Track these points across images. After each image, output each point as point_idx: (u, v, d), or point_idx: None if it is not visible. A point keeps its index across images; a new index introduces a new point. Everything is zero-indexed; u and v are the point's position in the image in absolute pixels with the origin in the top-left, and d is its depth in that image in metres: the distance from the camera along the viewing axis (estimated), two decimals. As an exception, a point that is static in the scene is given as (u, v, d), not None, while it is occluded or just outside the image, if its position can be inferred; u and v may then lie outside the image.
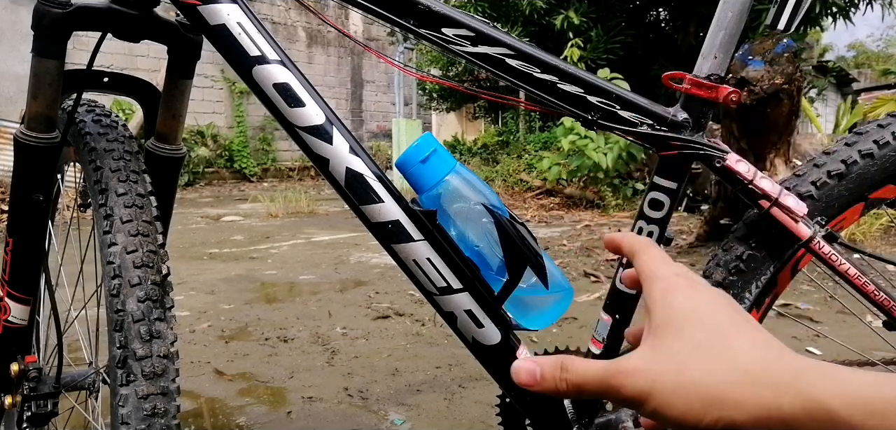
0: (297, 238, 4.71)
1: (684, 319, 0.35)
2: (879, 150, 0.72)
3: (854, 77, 16.70)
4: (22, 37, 7.87)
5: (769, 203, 0.68)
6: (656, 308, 0.36)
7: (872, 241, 3.98)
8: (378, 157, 11.13)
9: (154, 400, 0.65)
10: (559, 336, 2.23)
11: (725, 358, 0.32)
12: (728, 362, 0.32)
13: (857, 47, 28.27)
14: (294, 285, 3.18)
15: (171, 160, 0.90)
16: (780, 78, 3.20)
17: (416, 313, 2.58)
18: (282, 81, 0.64)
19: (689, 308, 0.35)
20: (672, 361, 0.33)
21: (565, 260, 3.70)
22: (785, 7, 0.67)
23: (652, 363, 0.34)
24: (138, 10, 0.77)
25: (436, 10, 0.66)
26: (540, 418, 0.72)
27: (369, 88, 12.89)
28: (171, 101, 0.87)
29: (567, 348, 0.81)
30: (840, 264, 0.69)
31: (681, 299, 0.36)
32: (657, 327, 0.35)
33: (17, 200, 0.81)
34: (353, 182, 0.64)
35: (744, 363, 0.32)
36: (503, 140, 9.14)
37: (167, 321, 0.69)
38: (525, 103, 0.80)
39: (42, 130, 0.77)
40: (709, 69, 0.67)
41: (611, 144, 5.59)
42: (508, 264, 0.63)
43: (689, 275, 0.38)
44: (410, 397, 1.77)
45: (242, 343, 2.25)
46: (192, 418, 1.65)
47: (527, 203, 6.28)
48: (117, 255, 0.70)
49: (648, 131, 0.68)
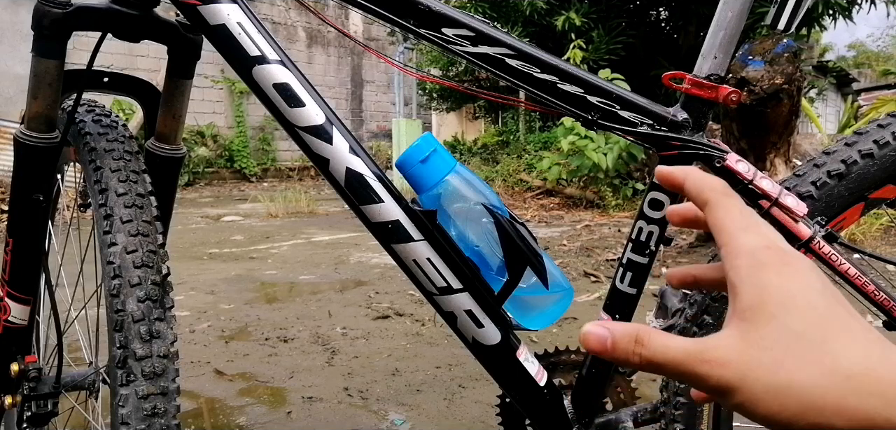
0: (297, 238, 4.71)
1: (779, 305, 0.31)
2: (879, 150, 0.72)
3: (854, 77, 16.70)
4: (22, 37, 7.87)
5: (769, 203, 0.68)
6: (744, 288, 0.32)
7: (872, 241, 3.98)
8: (378, 157, 11.13)
9: (154, 400, 0.65)
10: (559, 336, 2.23)
11: (826, 358, 0.29)
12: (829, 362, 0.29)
13: (857, 47, 28.28)
14: (294, 285, 3.18)
15: (171, 160, 0.90)
16: (780, 78, 3.20)
17: (416, 313, 2.58)
18: (282, 80, 0.64)
19: (784, 293, 0.31)
20: (766, 355, 0.30)
21: (565, 260, 3.70)
22: (785, 7, 0.67)
23: (743, 354, 0.30)
24: (138, 10, 0.77)
25: (436, 10, 0.66)
26: (540, 417, 0.72)
27: (369, 88, 12.89)
28: (171, 101, 0.87)
29: (567, 348, 0.81)
30: (840, 264, 0.69)
31: (774, 280, 0.32)
32: (746, 310, 0.32)
33: (17, 200, 0.81)
34: (353, 182, 0.64)
35: (846, 365, 0.29)
36: (503, 140, 9.14)
37: (167, 321, 0.69)
38: (525, 103, 0.80)
39: (42, 130, 0.77)
40: (709, 69, 0.67)
41: (611, 144, 5.59)
42: (508, 264, 0.63)
43: (779, 245, 0.34)
44: (410, 397, 1.77)
45: (242, 343, 2.25)
46: (192, 418, 1.65)
47: (527, 203, 6.28)
48: (117, 255, 0.70)
49: (648, 131, 0.68)
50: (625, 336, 0.33)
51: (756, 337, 0.31)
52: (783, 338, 0.30)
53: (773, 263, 0.33)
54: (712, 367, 0.30)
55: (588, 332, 0.34)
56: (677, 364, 0.32)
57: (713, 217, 0.37)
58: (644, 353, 0.33)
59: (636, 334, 0.33)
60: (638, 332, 0.33)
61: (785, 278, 0.32)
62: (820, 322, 0.30)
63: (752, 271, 0.33)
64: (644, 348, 0.33)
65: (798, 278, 0.32)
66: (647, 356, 0.32)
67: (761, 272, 0.33)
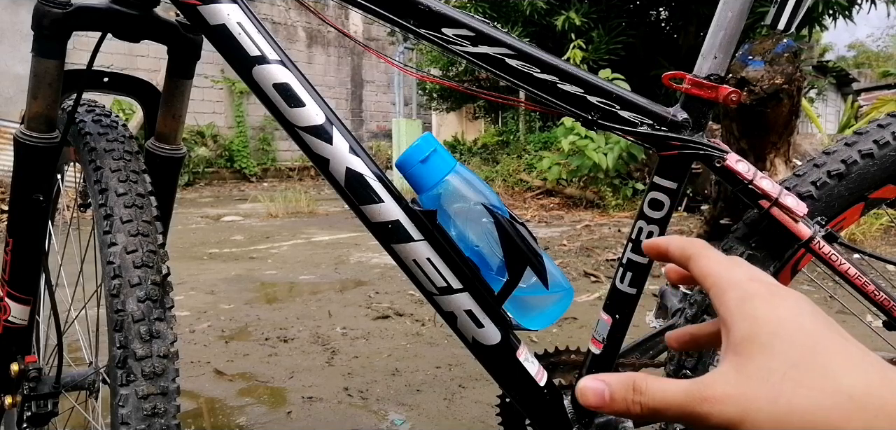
0: (297, 238, 4.71)
1: (772, 334, 0.31)
2: (879, 150, 0.72)
3: (854, 77, 16.70)
4: (22, 37, 7.87)
5: (769, 203, 0.68)
6: (735, 321, 0.33)
7: (872, 241, 3.98)
8: (378, 157, 11.13)
9: (154, 400, 0.65)
10: (559, 336, 2.23)
11: (824, 381, 0.29)
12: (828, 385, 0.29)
13: (857, 47, 28.27)
14: (294, 285, 3.18)
15: (171, 160, 0.90)
16: (780, 78, 3.20)
17: (416, 313, 2.58)
18: (282, 80, 0.64)
19: (776, 321, 0.32)
20: (764, 385, 0.30)
21: (565, 260, 3.70)
22: (785, 7, 0.67)
23: (741, 387, 0.30)
24: (138, 10, 0.77)
25: (436, 10, 0.66)
26: (540, 417, 0.72)
27: (369, 88, 12.89)
28: (171, 101, 0.87)
29: (567, 348, 0.81)
30: (840, 264, 0.69)
31: (763, 310, 0.32)
32: (739, 343, 0.32)
33: (17, 200, 0.81)
34: (353, 182, 0.64)
35: (846, 386, 0.28)
36: (503, 140, 9.14)
37: (167, 321, 0.69)
38: (525, 103, 0.80)
39: (42, 130, 0.77)
40: (709, 69, 0.67)
41: (611, 144, 5.59)
42: (508, 264, 0.63)
43: (764, 278, 0.35)
44: (410, 397, 1.77)
45: (242, 343, 2.25)
46: (192, 418, 1.65)
47: (527, 203, 6.28)
48: (117, 255, 0.70)
49: (648, 131, 0.68)
50: (622, 387, 0.33)
51: (752, 369, 0.31)
52: (780, 366, 0.30)
53: (761, 293, 0.33)
54: (713, 405, 0.30)
55: (585, 388, 0.34)
56: (679, 408, 0.32)
57: (698, 266, 0.38)
58: (644, 401, 0.33)
59: (633, 383, 0.33)
60: (634, 381, 0.33)
61: (774, 306, 0.32)
62: (814, 347, 0.30)
63: (742, 303, 0.33)
64: (643, 396, 0.33)
65: (787, 304, 0.33)
66: (647, 404, 0.33)
67: (750, 303, 0.33)
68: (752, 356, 0.31)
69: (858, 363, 0.29)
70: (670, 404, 0.32)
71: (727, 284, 0.35)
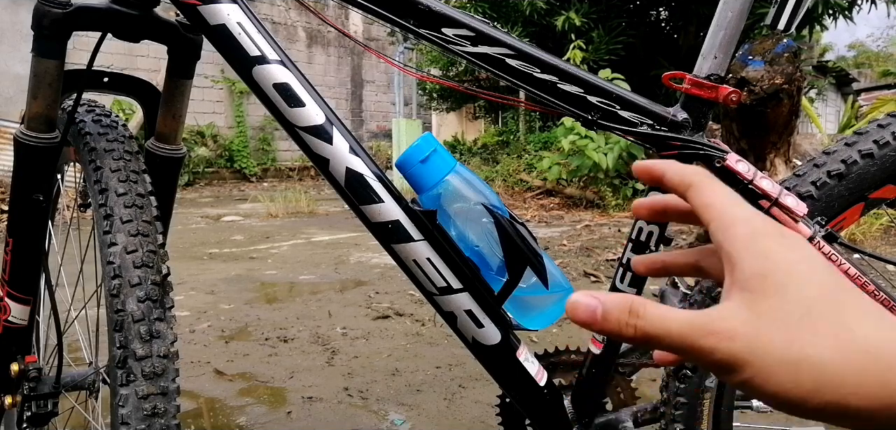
0: (297, 238, 4.71)
1: (787, 274, 0.29)
2: (879, 150, 0.72)
3: (854, 77, 16.71)
4: (22, 37, 7.87)
5: (769, 203, 0.68)
6: (744, 255, 0.30)
7: (872, 241, 3.98)
8: (378, 157, 11.13)
9: (154, 400, 0.65)
10: (559, 336, 2.23)
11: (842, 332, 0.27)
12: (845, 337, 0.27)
13: (857, 47, 28.26)
14: (294, 285, 3.18)
15: (171, 160, 0.90)
16: (780, 78, 3.20)
17: (416, 313, 2.58)
18: (282, 80, 0.64)
19: (790, 263, 0.29)
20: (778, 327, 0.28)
21: (565, 260, 3.70)
22: (785, 7, 0.67)
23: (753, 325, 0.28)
24: (138, 10, 0.77)
25: (436, 10, 0.66)
26: (540, 417, 0.72)
27: (369, 88, 12.89)
28: (171, 101, 0.87)
29: (567, 348, 0.81)
30: (840, 264, 0.69)
31: (777, 249, 0.30)
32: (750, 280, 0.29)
33: (17, 200, 0.81)
34: (353, 182, 0.64)
35: (862, 339, 0.27)
36: (503, 140, 9.14)
37: (167, 321, 0.69)
38: (525, 103, 0.80)
39: (42, 130, 0.77)
40: (709, 69, 0.67)
41: (611, 144, 5.59)
42: (508, 264, 0.63)
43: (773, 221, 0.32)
44: (410, 397, 1.77)
45: (242, 343, 2.25)
46: (192, 418, 1.65)
47: (527, 203, 6.28)
48: (117, 255, 0.70)
49: (648, 131, 0.68)
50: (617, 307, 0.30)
51: (765, 308, 0.28)
52: (795, 309, 0.28)
53: (773, 232, 0.31)
54: (719, 339, 0.28)
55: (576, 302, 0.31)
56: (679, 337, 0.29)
57: (700, 197, 0.34)
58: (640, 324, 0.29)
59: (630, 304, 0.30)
60: (632, 302, 0.30)
61: (788, 247, 0.30)
62: (830, 295, 0.28)
63: (753, 240, 0.31)
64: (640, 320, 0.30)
65: (799, 249, 0.30)
66: (643, 328, 0.29)
67: (762, 240, 0.30)
68: (766, 295, 0.29)
69: (873, 316, 0.28)
70: (670, 332, 0.29)
71: (734, 217, 0.32)
